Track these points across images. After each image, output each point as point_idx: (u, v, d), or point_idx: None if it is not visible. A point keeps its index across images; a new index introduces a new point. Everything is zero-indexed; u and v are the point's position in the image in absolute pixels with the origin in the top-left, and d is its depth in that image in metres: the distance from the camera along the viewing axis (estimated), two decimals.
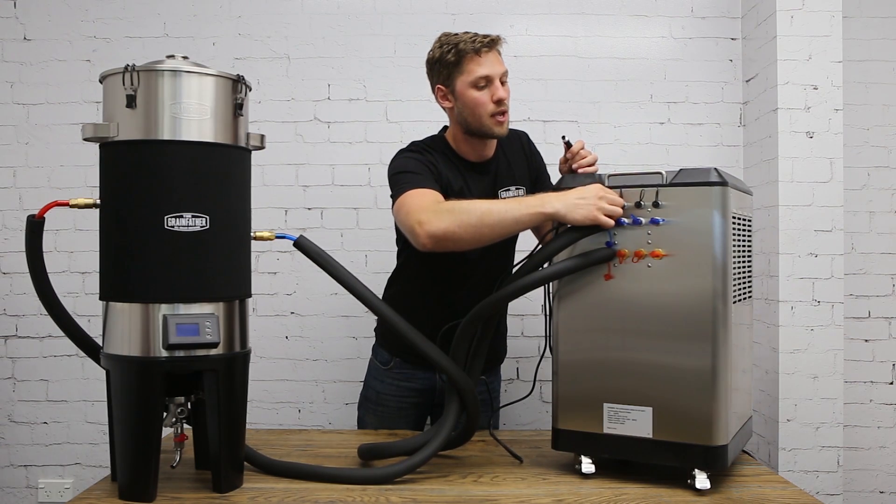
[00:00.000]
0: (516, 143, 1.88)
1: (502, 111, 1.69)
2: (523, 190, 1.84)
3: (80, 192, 2.47)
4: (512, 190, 1.82)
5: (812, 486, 2.24)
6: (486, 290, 1.51)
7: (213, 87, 1.27)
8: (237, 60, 2.56)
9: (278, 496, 1.29)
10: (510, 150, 1.87)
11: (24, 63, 2.57)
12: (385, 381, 1.90)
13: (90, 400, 2.58)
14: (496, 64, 1.68)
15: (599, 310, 1.37)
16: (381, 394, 1.90)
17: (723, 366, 1.29)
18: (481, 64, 1.67)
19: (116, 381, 1.26)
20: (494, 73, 1.67)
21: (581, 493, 1.31)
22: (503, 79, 1.69)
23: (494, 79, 1.67)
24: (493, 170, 1.81)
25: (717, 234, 1.28)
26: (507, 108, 1.70)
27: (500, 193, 1.80)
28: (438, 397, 1.87)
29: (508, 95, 1.70)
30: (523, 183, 1.85)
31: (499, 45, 1.70)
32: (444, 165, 1.74)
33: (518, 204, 1.45)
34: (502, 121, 1.70)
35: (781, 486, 1.36)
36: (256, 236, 1.40)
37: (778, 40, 2.28)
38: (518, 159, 1.87)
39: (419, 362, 1.83)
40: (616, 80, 2.59)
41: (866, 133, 2.55)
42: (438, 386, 1.85)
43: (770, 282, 2.32)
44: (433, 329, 1.54)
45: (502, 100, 1.68)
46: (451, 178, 1.74)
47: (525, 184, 1.86)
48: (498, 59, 1.70)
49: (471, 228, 1.45)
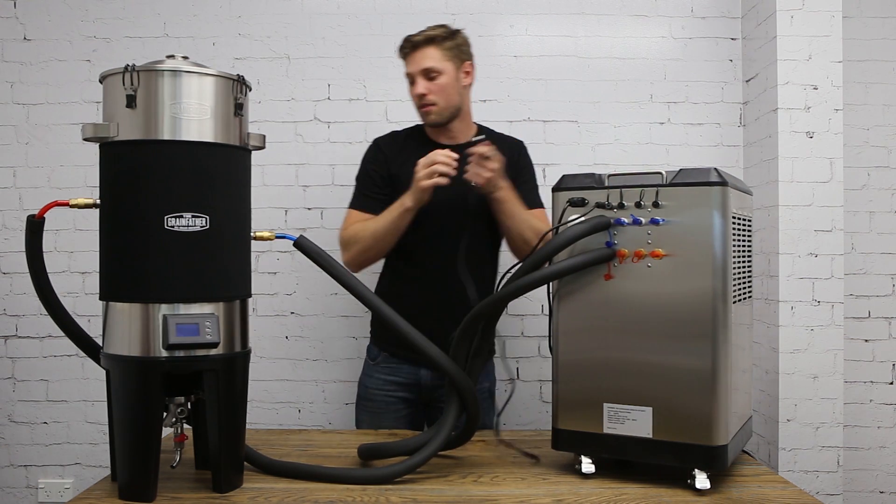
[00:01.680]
0: (506, 147, 1.95)
1: (422, 105, 1.91)
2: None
3: (80, 192, 2.47)
4: None
5: (812, 486, 2.24)
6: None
7: (213, 87, 1.27)
8: (237, 60, 2.56)
9: (278, 496, 1.29)
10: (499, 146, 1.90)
11: (24, 63, 2.57)
12: (373, 376, 2.01)
13: (90, 400, 2.58)
14: (417, 62, 1.90)
15: (599, 310, 1.37)
16: (369, 389, 2.01)
17: (723, 366, 1.29)
18: (407, 64, 1.94)
19: (116, 381, 1.26)
20: (413, 72, 1.91)
21: (581, 493, 1.31)
22: (430, 75, 1.88)
23: (414, 76, 1.91)
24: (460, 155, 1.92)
25: (717, 234, 1.28)
26: (432, 101, 1.89)
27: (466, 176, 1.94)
28: (426, 393, 1.96)
29: (440, 91, 1.88)
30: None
31: (428, 45, 1.89)
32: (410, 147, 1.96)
33: (392, 209, 1.82)
34: (426, 112, 1.92)
35: (781, 486, 1.36)
36: (256, 236, 1.40)
37: (778, 40, 2.28)
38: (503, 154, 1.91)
39: (405, 357, 1.95)
40: (616, 80, 2.59)
41: (866, 133, 2.55)
42: (424, 381, 1.95)
43: (770, 282, 2.32)
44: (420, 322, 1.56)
45: (419, 95, 1.90)
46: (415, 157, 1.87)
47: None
48: (421, 57, 1.89)
49: (372, 246, 1.87)
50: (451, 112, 1.92)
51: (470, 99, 2.02)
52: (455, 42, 1.92)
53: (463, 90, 1.95)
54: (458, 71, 1.92)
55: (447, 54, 1.89)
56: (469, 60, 1.97)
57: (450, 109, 1.92)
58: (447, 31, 1.92)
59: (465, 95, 1.96)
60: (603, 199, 1.37)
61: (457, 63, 1.92)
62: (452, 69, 1.90)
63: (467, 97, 1.99)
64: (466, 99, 1.98)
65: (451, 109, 1.92)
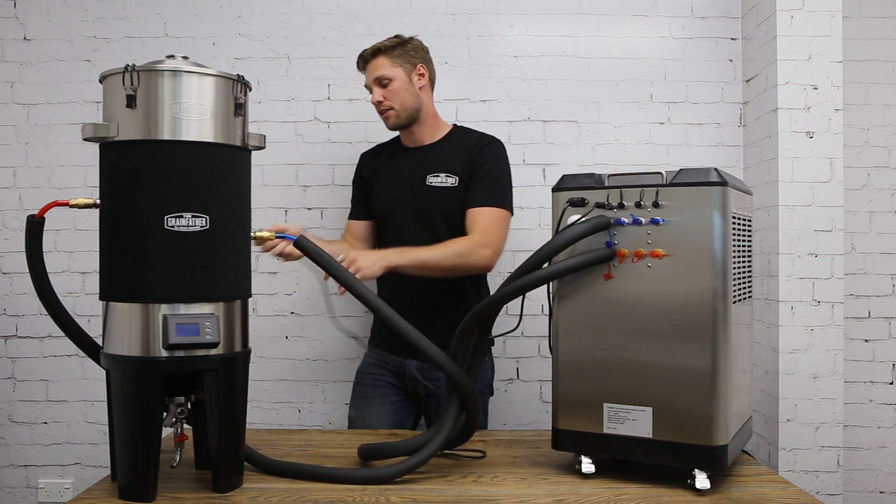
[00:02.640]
0: (469, 143, 2.03)
1: (381, 111, 2.03)
2: (454, 179, 2.00)
3: (80, 192, 2.47)
4: (441, 176, 2.01)
5: (812, 486, 2.24)
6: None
7: (213, 87, 1.27)
8: (237, 60, 2.56)
9: (278, 496, 1.29)
10: (457, 145, 2.05)
11: (24, 63, 2.57)
12: (365, 360, 2.16)
13: (90, 400, 2.58)
14: (370, 73, 2.03)
15: (599, 310, 1.37)
16: (360, 373, 2.14)
17: (723, 366, 1.29)
18: (365, 77, 2.06)
19: (116, 381, 1.26)
20: (369, 82, 2.04)
21: (581, 493, 1.31)
22: (383, 82, 2.00)
23: (370, 86, 2.04)
24: (421, 155, 2.06)
25: (717, 234, 1.28)
26: (390, 106, 2.01)
27: (429, 178, 2.02)
28: (411, 385, 2.06)
29: (394, 96, 1.99)
30: (458, 174, 2.00)
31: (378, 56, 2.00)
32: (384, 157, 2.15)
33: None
34: (386, 117, 2.03)
35: (781, 486, 1.36)
36: (256, 236, 1.41)
37: (778, 40, 2.28)
38: (461, 154, 2.02)
39: (391, 350, 2.08)
40: (616, 80, 2.59)
41: (866, 133, 2.55)
42: (408, 372, 2.05)
43: (770, 282, 2.32)
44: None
45: (377, 102, 2.02)
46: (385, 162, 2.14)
47: (460, 174, 2.00)
48: (373, 67, 2.01)
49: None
50: (410, 114, 2.03)
51: (432, 99, 2.10)
52: (404, 49, 2.02)
53: (419, 92, 2.03)
54: (410, 74, 2.02)
55: (397, 61, 2.00)
56: (422, 63, 2.05)
57: (407, 111, 2.02)
58: (397, 40, 2.03)
59: (423, 97, 2.05)
60: (603, 199, 1.37)
61: (407, 67, 2.02)
62: (403, 74, 2.01)
63: (427, 98, 2.07)
64: (427, 100, 2.06)
65: (408, 111, 2.02)
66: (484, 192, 1.96)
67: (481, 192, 1.96)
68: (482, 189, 1.96)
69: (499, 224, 1.95)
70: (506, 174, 2.02)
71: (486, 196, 1.95)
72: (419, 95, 2.03)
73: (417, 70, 2.03)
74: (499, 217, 1.95)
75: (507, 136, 2.57)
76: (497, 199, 1.96)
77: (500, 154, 2.03)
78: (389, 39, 2.03)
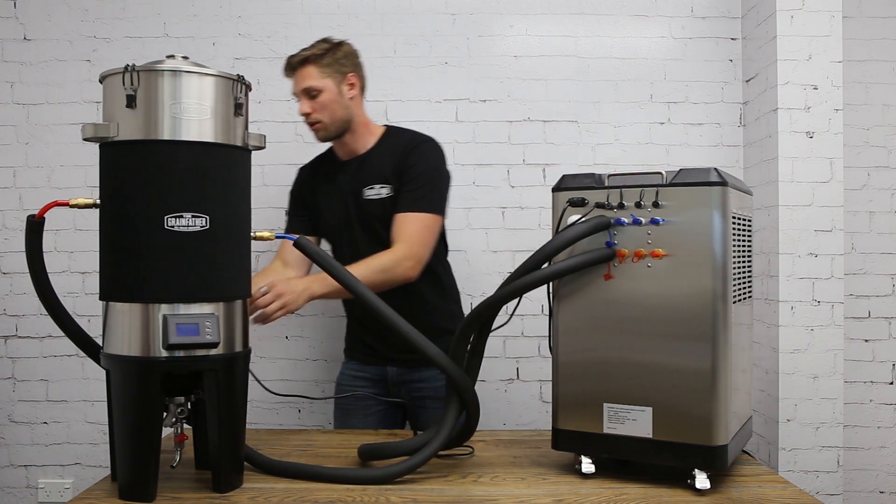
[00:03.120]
0: (398, 146, 1.95)
1: (309, 123, 1.95)
2: (388, 188, 1.93)
3: (80, 192, 2.47)
4: (376, 188, 1.94)
5: (812, 486, 2.24)
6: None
7: (213, 87, 1.27)
8: (237, 60, 2.56)
9: (278, 496, 1.29)
10: (388, 151, 1.97)
11: (24, 63, 2.57)
12: (343, 373, 2.13)
13: (90, 400, 2.58)
14: (298, 83, 1.94)
15: (599, 310, 1.37)
16: (340, 385, 2.11)
17: (723, 366, 1.29)
18: (292, 84, 1.97)
19: (116, 381, 1.26)
20: (295, 91, 1.95)
21: (581, 493, 1.31)
22: (312, 94, 1.91)
23: (298, 96, 1.95)
24: (355, 167, 1.99)
25: (717, 234, 1.28)
26: (318, 120, 1.93)
27: (365, 191, 1.95)
28: (394, 391, 2.03)
29: (322, 108, 1.91)
30: (391, 182, 1.93)
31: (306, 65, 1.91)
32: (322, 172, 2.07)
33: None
34: (314, 130, 1.96)
35: (781, 486, 1.36)
36: (256, 236, 1.40)
37: (778, 40, 2.28)
38: (391, 160, 1.94)
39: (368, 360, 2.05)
40: (616, 80, 2.59)
41: (866, 133, 2.55)
42: (389, 379, 2.03)
43: (770, 282, 2.32)
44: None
45: (304, 114, 1.93)
46: (323, 180, 2.06)
47: (392, 182, 1.93)
48: (301, 77, 1.92)
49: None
50: (339, 126, 1.95)
51: (363, 108, 2.02)
52: (334, 57, 1.93)
53: (350, 102, 1.95)
54: (339, 85, 1.93)
55: (326, 71, 1.91)
56: (353, 72, 1.96)
57: (336, 124, 1.94)
58: (326, 47, 1.93)
59: (354, 107, 1.97)
60: (603, 199, 1.37)
61: (337, 77, 1.93)
62: (333, 85, 1.92)
63: (358, 108, 1.99)
64: (358, 110, 1.98)
65: (337, 124, 1.94)
66: (410, 197, 1.89)
67: (407, 195, 1.89)
68: (408, 193, 1.89)
69: (424, 231, 1.87)
70: (435, 176, 1.93)
71: (411, 200, 1.88)
72: (349, 106, 1.95)
73: (348, 80, 1.95)
74: (424, 223, 1.88)
75: (507, 136, 2.58)
76: (423, 204, 1.88)
77: (428, 155, 1.94)
78: (318, 46, 1.93)
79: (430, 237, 1.90)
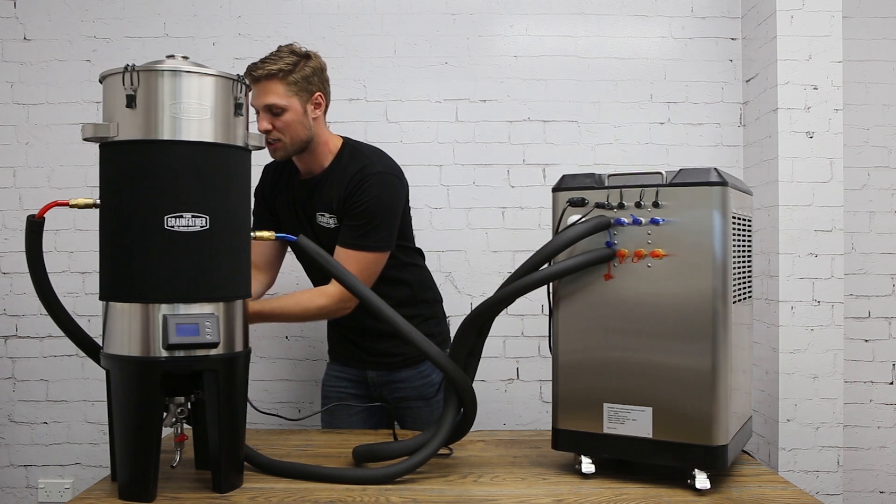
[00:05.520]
0: (347, 177, 1.83)
1: (268, 141, 1.79)
2: (334, 219, 1.85)
3: (80, 192, 2.47)
4: (326, 216, 1.87)
5: (812, 486, 2.24)
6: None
7: (213, 86, 1.27)
8: (237, 60, 2.55)
9: (278, 496, 1.29)
10: (337, 178, 1.85)
11: (24, 63, 2.57)
12: (328, 373, 2.13)
13: (90, 400, 2.58)
14: (260, 97, 1.78)
15: (599, 310, 1.37)
16: (325, 385, 2.11)
17: (723, 366, 1.29)
18: (252, 95, 1.79)
19: (116, 381, 1.26)
20: (256, 104, 1.79)
21: (581, 493, 1.31)
22: (274, 111, 1.77)
23: (258, 109, 1.79)
24: (309, 190, 1.90)
25: (717, 234, 1.28)
26: (279, 139, 1.79)
27: (317, 216, 1.88)
28: (375, 392, 2.03)
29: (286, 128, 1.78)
30: (336, 212, 1.84)
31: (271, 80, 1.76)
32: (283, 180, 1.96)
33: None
34: (273, 148, 1.82)
35: (781, 486, 1.36)
36: (256, 236, 1.41)
37: (778, 40, 2.28)
38: (339, 190, 1.83)
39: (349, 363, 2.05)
40: (616, 80, 2.59)
41: (866, 133, 2.55)
42: (370, 382, 2.02)
43: (770, 282, 2.32)
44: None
45: (264, 131, 1.78)
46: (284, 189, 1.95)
47: (337, 213, 1.84)
48: (265, 91, 1.77)
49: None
50: (299, 146, 1.83)
51: (324, 125, 1.89)
52: (302, 74, 1.78)
53: (313, 123, 1.83)
54: (305, 105, 1.80)
55: (292, 89, 1.77)
56: (319, 91, 1.83)
57: (297, 144, 1.82)
58: (293, 61, 1.78)
59: (316, 126, 1.84)
60: (603, 199, 1.37)
61: (304, 97, 1.79)
62: (298, 104, 1.78)
63: (320, 127, 1.87)
64: (320, 129, 1.86)
65: (298, 144, 1.82)
66: (351, 234, 1.80)
67: (348, 232, 1.81)
68: (349, 230, 1.81)
69: (364, 271, 1.77)
70: (378, 212, 1.80)
71: (352, 238, 1.79)
72: (311, 127, 1.82)
73: (314, 99, 1.82)
74: (364, 263, 1.78)
75: (507, 136, 2.57)
76: (364, 242, 1.79)
77: (374, 192, 1.80)
78: (286, 59, 1.77)
79: (371, 274, 1.81)
